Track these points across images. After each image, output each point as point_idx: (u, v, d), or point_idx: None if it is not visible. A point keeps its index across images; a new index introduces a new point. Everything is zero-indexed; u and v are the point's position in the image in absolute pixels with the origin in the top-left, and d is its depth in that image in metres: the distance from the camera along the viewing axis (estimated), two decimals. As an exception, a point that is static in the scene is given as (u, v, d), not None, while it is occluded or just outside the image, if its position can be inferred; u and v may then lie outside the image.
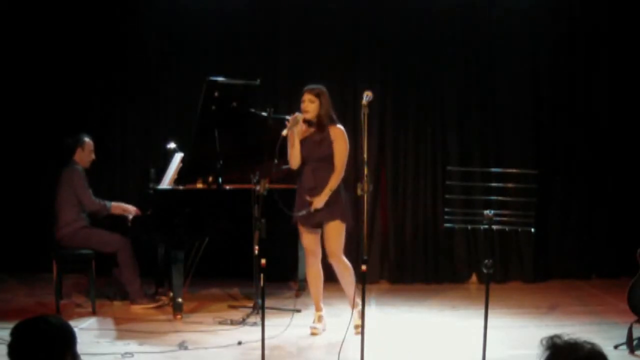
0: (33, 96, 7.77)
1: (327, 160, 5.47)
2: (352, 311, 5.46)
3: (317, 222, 5.48)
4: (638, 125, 7.77)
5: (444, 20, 7.79)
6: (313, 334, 5.50)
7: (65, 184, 6.34)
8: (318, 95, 5.48)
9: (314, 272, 5.67)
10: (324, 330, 5.59)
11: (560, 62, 7.85)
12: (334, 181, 5.45)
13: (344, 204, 5.55)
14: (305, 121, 5.47)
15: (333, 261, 5.54)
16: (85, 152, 6.50)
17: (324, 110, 5.47)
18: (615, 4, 7.76)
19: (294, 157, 5.49)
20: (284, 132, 5.34)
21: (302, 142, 5.50)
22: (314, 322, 5.62)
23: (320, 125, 5.48)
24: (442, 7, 7.77)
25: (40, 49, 7.74)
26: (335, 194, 5.45)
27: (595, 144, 7.83)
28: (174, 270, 6.00)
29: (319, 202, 5.39)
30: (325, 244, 5.54)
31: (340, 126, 5.56)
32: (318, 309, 5.69)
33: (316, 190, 5.42)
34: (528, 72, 7.85)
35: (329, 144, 5.46)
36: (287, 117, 6.78)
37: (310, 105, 5.46)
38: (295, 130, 5.41)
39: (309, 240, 5.59)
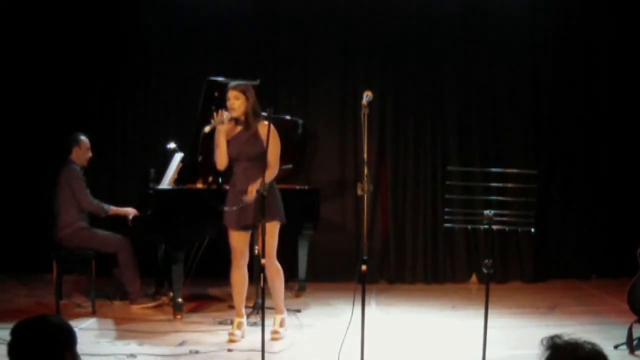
0: (33, 96, 7.78)
1: (258, 159, 5.20)
2: (277, 316, 5.47)
3: (249, 223, 5.28)
4: (638, 125, 7.77)
5: (444, 21, 7.80)
6: (231, 341, 5.26)
7: (64, 184, 6.33)
8: (243, 91, 5.27)
9: (240, 275, 5.41)
10: (242, 337, 5.37)
11: (560, 62, 7.85)
12: (269, 176, 5.15)
13: (277, 204, 5.38)
14: (233, 119, 5.27)
15: (267, 261, 5.23)
16: (82, 150, 6.49)
17: (251, 106, 5.26)
18: (615, 4, 7.76)
19: (221, 158, 5.29)
20: (206, 129, 5.19)
21: (231, 141, 5.29)
22: (233, 328, 5.38)
23: (247, 122, 5.28)
24: (442, 8, 7.77)
25: (40, 48, 7.74)
26: (268, 194, 5.15)
27: (595, 144, 7.83)
28: (174, 270, 6.00)
29: (252, 191, 5.16)
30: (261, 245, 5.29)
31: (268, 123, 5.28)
32: (239, 315, 5.45)
33: (246, 193, 5.18)
34: (528, 73, 7.86)
35: (260, 141, 5.22)
36: (287, 116, 6.83)
37: (235, 102, 5.25)
38: (221, 129, 5.23)
39: (238, 241, 5.35)
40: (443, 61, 7.84)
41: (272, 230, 5.31)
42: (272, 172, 5.24)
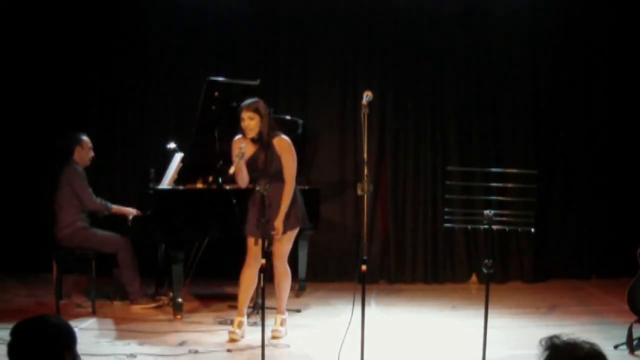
0: (33, 96, 7.78)
1: (278, 175, 5.33)
2: (278, 315, 5.53)
3: (272, 234, 5.31)
4: (638, 126, 7.77)
5: (444, 21, 7.80)
6: (232, 340, 5.28)
7: (65, 185, 6.33)
8: (256, 110, 5.28)
9: (251, 274, 5.43)
10: (243, 337, 5.38)
11: (560, 62, 7.85)
12: (287, 198, 5.29)
13: (297, 209, 5.45)
14: (251, 139, 5.31)
15: (278, 263, 5.45)
16: (85, 151, 6.49)
17: (265, 124, 5.30)
18: (615, 5, 7.76)
19: (242, 181, 5.35)
20: (231, 170, 5.20)
21: (250, 160, 5.34)
22: (233, 327, 5.38)
23: (263, 141, 5.32)
24: (442, 8, 7.77)
25: (40, 48, 7.74)
26: (291, 203, 5.35)
27: (595, 143, 7.83)
28: (174, 270, 6.00)
29: (279, 226, 5.26)
30: (276, 247, 5.41)
31: (284, 137, 5.40)
32: (240, 314, 5.45)
33: (270, 208, 5.15)
34: (528, 73, 7.85)
35: (277, 158, 5.32)
36: (287, 117, 6.83)
37: (251, 123, 5.26)
38: (242, 162, 5.25)
39: (256, 247, 5.28)
40: (443, 61, 7.84)
41: (289, 236, 5.45)
42: (289, 189, 5.33)
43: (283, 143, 5.37)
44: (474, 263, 7.73)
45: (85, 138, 6.52)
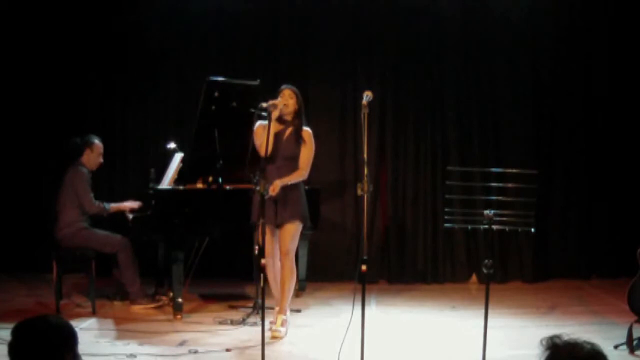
0: (33, 96, 7.77)
1: (293, 160, 5.53)
2: (279, 315, 5.54)
3: (278, 221, 5.47)
4: (638, 126, 7.77)
5: (443, 20, 7.80)
6: (275, 337, 5.40)
7: (69, 185, 6.33)
8: (297, 94, 5.59)
9: (275, 272, 5.61)
10: (286, 334, 5.50)
11: (560, 62, 7.85)
12: (296, 176, 5.52)
13: (304, 206, 5.60)
14: (278, 118, 5.46)
15: (285, 260, 5.52)
16: (94, 154, 6.50)
17: (298, 110, 5.57)
18: (615, 5, 7.76)
19: (264, 145, 5.36)
20: (263, 104, 5.35)
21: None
22: (276, 325, 5.51)
23: (291, 122, 5.55)
24: (442, 8, 7.77)
25: (40, 49, 7.74)
26: (297, 195, 5.50)
27: (595, 143, 7.83)
28: (174, 270, 6.00)
29: (277, 186, 5.36)
30: (280, 242, 5.54)
31: (308, 128, 5.64)
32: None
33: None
34: (528, 73, 7.85)
35: (298, 144, 5.54)
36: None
37: (290, 101, 5.54)
38: (273, 116, 5.37)
39: (268, 240, 5.47)
40: (443, 61, 7.84)
41: (294, 229, 5.51)
42: (300, 174, 5.53)
43: (305, 133, 5.60)
44: (474, 263, 7.73)
45: (97, 142, 6.52)
